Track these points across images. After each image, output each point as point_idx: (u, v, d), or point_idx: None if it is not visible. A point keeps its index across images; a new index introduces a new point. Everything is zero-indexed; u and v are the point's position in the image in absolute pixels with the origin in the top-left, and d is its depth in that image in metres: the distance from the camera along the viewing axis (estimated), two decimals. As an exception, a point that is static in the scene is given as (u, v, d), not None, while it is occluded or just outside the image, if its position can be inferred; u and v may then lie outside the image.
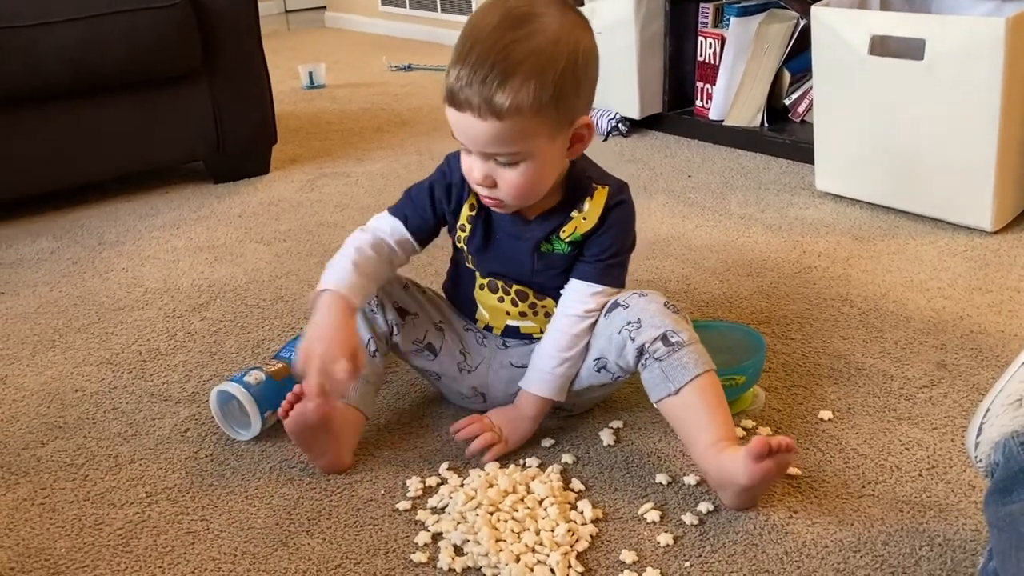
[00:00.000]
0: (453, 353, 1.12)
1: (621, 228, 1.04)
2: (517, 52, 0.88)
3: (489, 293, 1.09)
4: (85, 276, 1.64)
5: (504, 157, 0.93)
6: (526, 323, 1.10)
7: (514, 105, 0.88)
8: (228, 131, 2.05)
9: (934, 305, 1.38)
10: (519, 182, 0.94)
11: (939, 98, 1.58)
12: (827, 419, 1.10)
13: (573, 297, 1.04)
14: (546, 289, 1.07)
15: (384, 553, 0.92)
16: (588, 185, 1.02)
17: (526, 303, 1.08)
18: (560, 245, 1.03)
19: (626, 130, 2.36)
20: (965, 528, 0.91)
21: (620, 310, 1.01)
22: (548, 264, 1.05)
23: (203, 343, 1.37)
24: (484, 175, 0.94)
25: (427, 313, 1.12)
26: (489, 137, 0.91)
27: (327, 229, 1.82)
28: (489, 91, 0.88)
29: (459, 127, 0.93)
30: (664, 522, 0.94)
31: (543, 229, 1.03)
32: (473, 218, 1.05)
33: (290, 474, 1.04)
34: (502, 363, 1.11)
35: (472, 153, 0.95)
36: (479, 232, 1.05)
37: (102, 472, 1.07)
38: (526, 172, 0.94)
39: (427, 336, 1.11)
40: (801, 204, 1.82)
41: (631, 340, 0.98)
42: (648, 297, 1.01)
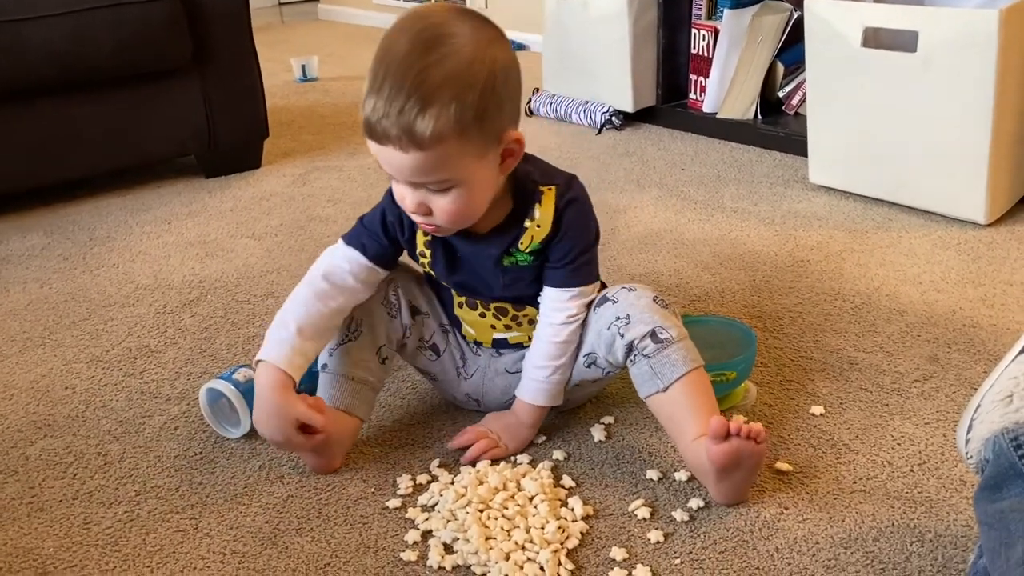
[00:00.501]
0: (453, 357, 1.11)
1: (579, 227, 1.00)
2: (432, 78, 0.84)
3: (469, 310, 1.08)
4: (75, 272, 1.63)
5: (434, 185, 0.90)
6: (513, 334, 1.09)
7: (435, 133, 0.84)
8: (219, 125, 2.04)
9: (927, 299, 1.37)
10: (452, 208, 0.91)
11: (932, 90, 1.58)
12: (819, 414, 1.10)
13: (551, 306, 1.02)
14: (523, 300, 1.05)
15: (374, 551, 0.91)
16: (535, 189, 0.99)
17: (507, 317, 1.07)
18: (522, 257, 1.01)
19: (619, 123, 2.35)
20: (956, 524, 0.91)
21: (609, 305, 1.00)
22: (515, 278, 1.02)
23: (193, 340, 1.36)
24: (416, 203, 0.91)
25: (436, 314, 1.11)
26: (414, 168, 0.87)
27: (319, 224, 1.81)
28: (408, 121, 0.83)
29: (382, 159, 0.89)
30: (655, 519, 0.94)
31: (500, 244, 1.00)
32: (430, 243, 1.03)
33: (280, 472, 1.04)
34: (497, 370, 1.10)
35: (401, 182, 0.92)
36: (440, 256, 1.03)
37: (91, 470, 1.06)
38: (459, 197, 0.91)
39: (433, 337, 1.11)
40: (794, 197, 1.82)
41: (620, 336, 0.98)
42: (637, 292, 1.01)
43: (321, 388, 1.05)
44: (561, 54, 2.46)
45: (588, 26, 2.34)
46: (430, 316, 1.11)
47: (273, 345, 0.99)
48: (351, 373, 1.04)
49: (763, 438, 0.90)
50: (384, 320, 1.07)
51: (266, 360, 0.99)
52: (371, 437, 1.10)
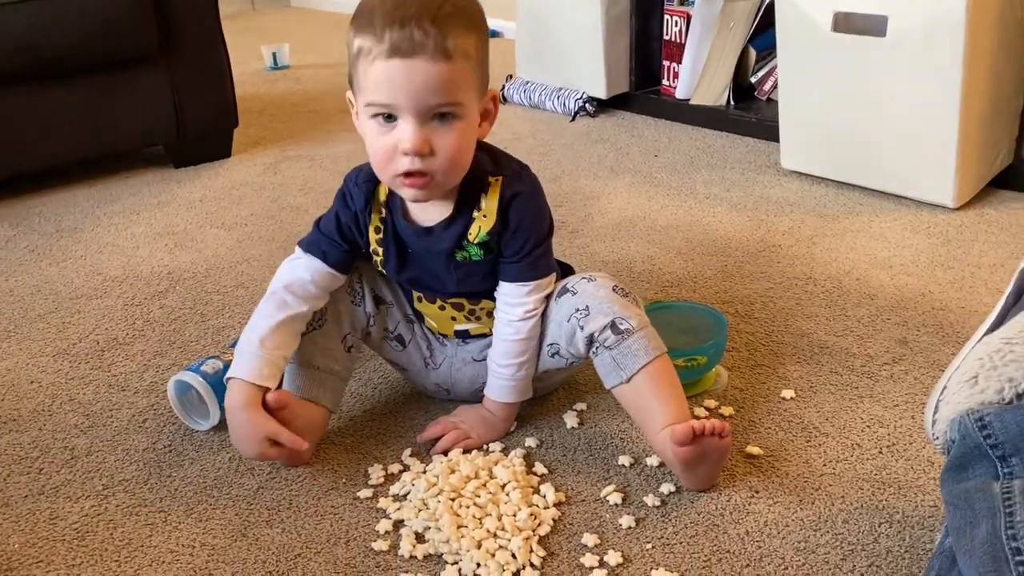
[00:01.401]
0: (420, 348, 1.11)
1: (529, 221, 0.99)
2: (449, 5, 0.89)
3: (428, 304, 1.07)
4: (42, 264, 1.60)
5: (444, 109, 0.89)
6: (473, 326, 1.08)
7: (463, 48, 0.88)
8: (188, 114, 2.01)
9: (897, 282, 1.38)
10: (454, 145, 0.91)
11: (902, 75, 1.58)
12: (789, 398, 1.10)
13: (509, 301, 1.01)
14: (477, 295, 1.04)
15: (345, 542, 0.91)
16: (484, 179, 0.98)
17: (464, 311, 1.06)
18: (473, 251, 1.00)
19: (593, 110, 2.34)
20: (924, 505, 0.91)
21: (568, 296, 1.00)
22: (468, 273, 1.01)
23: (162, 331, 1.34)
24: (422, 140, 0.89)
25: (400, 304, 1.10)
26: (438, 82, 0.87)
27: (290, 213, 1.79)
28: (440, 33, 0.86)
29: (400, 80, 0.87)
30: (626, 504, 0.94)
31: (449, 238, 0.99)
32: (382, 240, 1.02)
33: (250, 464, 1.03)
34: (464, 360, 1.09)
35: (398, 125, 0.90)
36: (392, 253, 1.02)
37: (57, 465, 1.05)
38: (460, 134, 0.91)
39: (398, 328, 1.10)
40: (766, 182, 1.82)
41: (580, 328, 0.98)
42: (596, 283, 1.00)
43: (287, 378, 1.04)
44: (534, 41, 2.44)
45: (561, 13, 2.33)
46: (394, 306, 1.10)
47: (239, 361, 0.99)
48: (316, 362, 1.04)
49: (727, 432, 0.90)
50: (348, 308, 1.06)
51: (235, 376, 0.98)
52: (342, 428, 1.09)
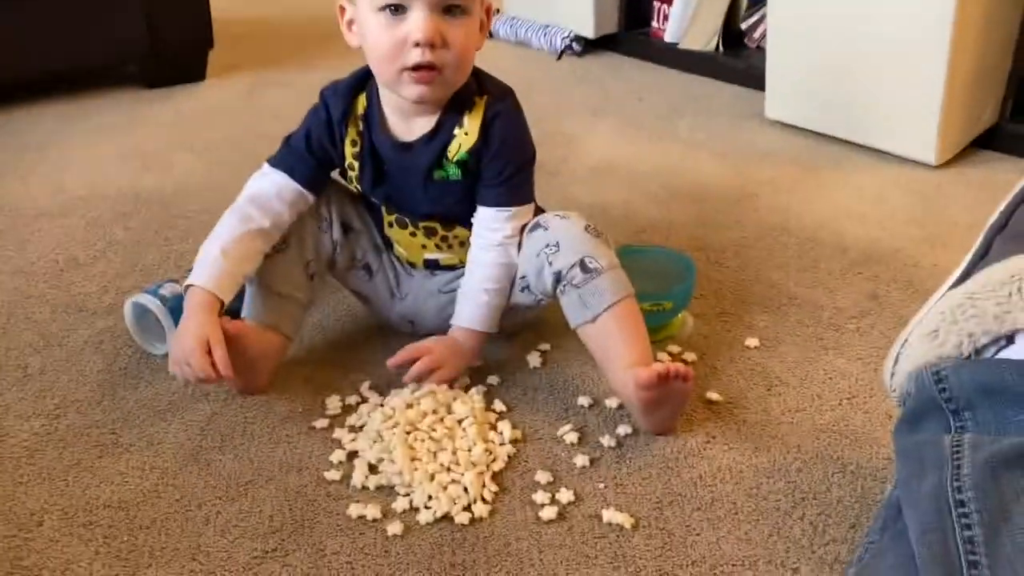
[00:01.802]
0: (387, 278, 1.09)
1: (512, 142, 0.98)
2: None
3: (399, 229, 1.05)
4: (5, 180, 1.56)
5: (455, 4, 0.90)
6: (444, 255, 1.06)
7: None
8: (161, 33, 1.95)
9: (871, 236, 1.37)
10: (463, 39, 0.91)
11: (891, 26, 1.55)
12: (753, 347, 1.10)
13: (487, 226, 1.00)
14: (451, 219, 1.03)
15: (297, 470, 0.90)
16: (469, 98, 0.97)
17: (437, 237, 1.04)
18: (452, 170, 0.98)
19: (580, 49, 2.29)
20: (878, 457, 0.92)
21: (540, 231, 0.98)
22: (443, 192, 1.00)
23: (124, 253, 1.32)
24: (434, 29, 0.89)
25: (369, 231, 1.09)
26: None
27: (263, 140, 1.73)
28: None
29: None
30: (582, 444, 0.93)
31: (428, 154, 0.98)
32: (358, 154, 1.00)
33: (206, 390, 1.02)
34: (430, 291, 1.08)
35: (408, 17, 0.89)
36: (368, 168, 1.00)
37: (9, 383, 1.03)
38: (468, 29, 0.92)
39: (366, 256, 1.08)
40: (750, 131, 1.80)
41: (548, 264, 0.96)
42: (570, 220, 0.98)
43: (246, 303, 1.02)
44: (523, -25, 2.38)
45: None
46: (363, 233, 1.08)
47: (198, 270, 0.97)
48: (277, 288, 1.02)
49: (690, 377, 0.89)
50: (314, 233, 1.04)
51: (193, 283, 0.96)
52: (301, 357, 1.08)
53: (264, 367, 1.00)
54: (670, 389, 0.89)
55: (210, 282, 0.95)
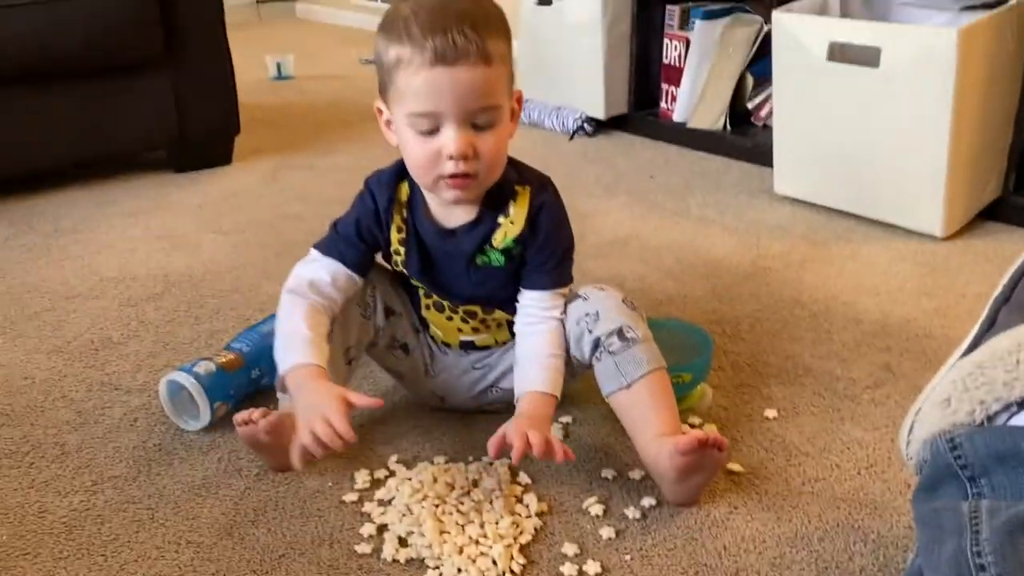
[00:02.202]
0: (423, 356, 1.12)
1: (555, 231, 1.03)
2: (487, 9, 0.93)
3: (436, 312, 1.08)
4: (39, 263, 1.62)
5: (485, 115, 0.93)
6: (480, 337, 1.10)
7: (498, 51, 0.91)
8: (190, 120, 2.04)
9: (883, 308, 1.40)
10: (495, 146, 0.95)
11: (894, 106, 1.61)
12: (772, 417, 1.12)
13: (536, 306, 1.03)
14: (492, 302, 1.06)
15: (329, 544, 0.92)
16: (510, 188, 1.01)
17: (476, 320, 1.08)
18: (495, 256, 1.02)
19: (591, 130, 2.37)
20: (899, 525, 0.93)
21: (580, 301, 1.03)
22: (485, 277, 1.03)
23: (156, 333, 1.36)
24: (467, 143, 0.92)
25: (409, 313, 1.11)
26: (481, 86, 0.91)
27: (288, 221, 1.81)
28: (480, 37, 0.90)
29: (445, 87, 0.90)
30: (607, 516, 0.95)
31: (472, 240, 1.01)
32: (404, 240, 1.04)
33: (238, 465, 1.04)
34: (464, 368, 1.11)
35: (440, 132, 0.93)
36: (415, 254, 1.04)
37: (48, 460, 1.06)
38: (499, 135, 0.95)
39: (405, 337, 1.11)
40: (759, 207, 1.85)
41: (588, 332, 1.00)
42: (607, 292, 1.03)
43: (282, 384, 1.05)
44: (535, 60, 2.48)
45: (563, 33, 2.37)
46: (404, 317, 1.11)
47: (293, 350, 0.97)
48: None
49: (725, 447, 0.92)
50: (357, 321, 1.06)
51: (298, 363, 0.96)
52: (331, 432, 1.10)
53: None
54: (706, 456, 0.91)
55: (313, 357, 0.97)
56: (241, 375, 1.13)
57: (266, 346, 1.15)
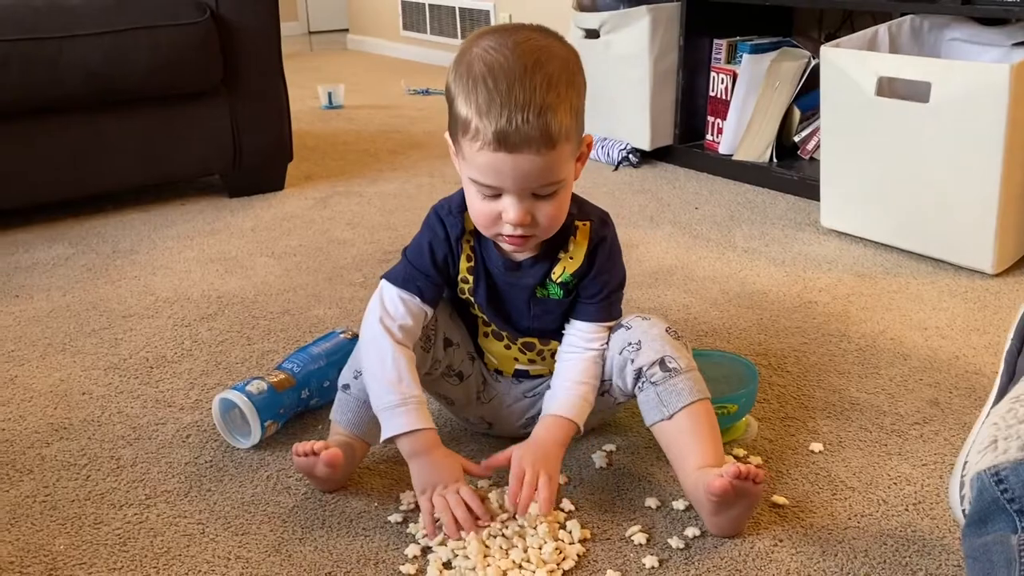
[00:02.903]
0: (476, 382, 1.12)
1: (611, 265, 1.04)
2: (553, 82, 0.89)
3: (495, 340, 1.10)
4: (98, 283, 1.67)
5: (546, 189, 0.92)
6: (535, 367, 1.11)
7: (565, 128, 0.89)
8: (245, 147, 2.09)
9: (931, 344, 1.39)
10: (554, 211, 0.94)
11: (943, 141, 1.60)
12: (818, 451, 1.11)
13: (583, 337, 1.04)
14: (549, 334, 1.07)
15: (374, 564, 0.93)
16: (570, 223, 1.02)
17: (533, 352, 1.09)
18: (554, 290, 1.03)
19: (636, 161, 2.39)
20: (948, 564, 0.92)
21: (622, 331, 1.03)
22: (544, 310, 1.05)
23: (209, 352, 1.39)
24: (525, 213, 0.92)
25: (466, 342, 1.11)
26: (542, 171, 0.90)
27: (337, 246, 1.85)
28: (546, 123, 0.87)
29: (506, 170, 0.90)
30: (650, 545, 0.95)
31: (535, 274, 1.03)
32: (472, 269, 1.04)
33: (287, 483, 1.06)
34: (516, 396, 1.12)
35: (501, 197, 0.93)
36: (482, 282, 1.04)
37: (104, 473, 1.09)
38: (560, 199, 0.94)
39: (462, 365, 1.11)
40: (805, 240, 1.84)
41: (631, 362, 1.01)
42: (651, 321, 1.04)
43: (337, 407, 1.06)
44: (582, 92, 2.50)
45: (610, 66, 2.39)
46: (461, 347, 1.11)
47: (392, 419, 0.98)
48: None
49: (761, 479, 0.91)
50: (417, 353, 1.05)
51: (413, 429, 0.98)
52: (377, 453, 1.12)
53: (346, 472, 1.05)
54: (742, 489, 0.91)
55: (428, 421, 0.99)
56: (291, 395, 1.15)
57: (316, 367, 1.18)
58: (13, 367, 1.36)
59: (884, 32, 1.85)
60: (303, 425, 1.19)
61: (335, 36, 5.35)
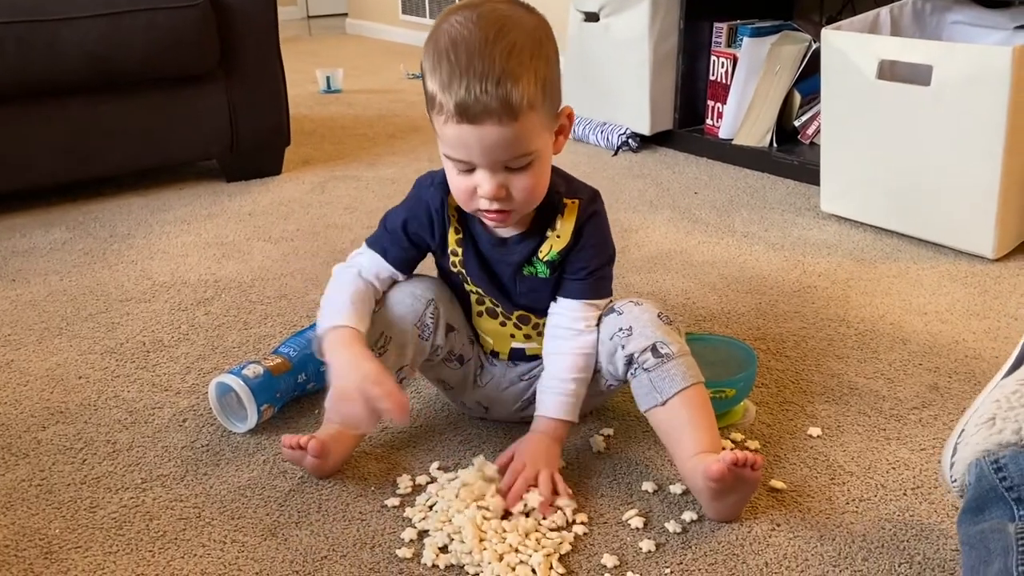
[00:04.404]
0: (474, 366, 1.12)
1: (598, 241, 1.03)
2: (516, 53, 0.88)
3: (489, 319, 1.09)
4: (95, 267, 1.67)
5: (517, 162, 0.91)
6: (531, 344, 1.10)
7: (528, 102, 0.88)
8: (242, 131, 2.08)
9: (931, 329, 1.38)
10: (530, 183, 0.93)
11: (945, 124, 1.59)
12: (816, 436, 1.11)
13: (569, 316, 1.03)
14: (541, 311, 1.06)
15: (370, 547, 0.93)
16: (559, 201, 1.01)
17: (529, 325, 1.08)
18: (540, 268, 1.03)
19: (636, 146, 2.38)
20: (945, 548, 0.91)
21: (614, 316, 1.02)
22: (530, 288, 1.04)
23: (206, 336, 1.39)
24: (497, 187, 0.92)
25: (465, 327, 1.11)
26: (508, 142, 0.89)
27: (334, 230, 1.84)
28: (505, 92, 0.86)
29: (472, 142, 0.89)
30: (647, 529, 0.95)
31: (521, 251, 1.02)
32: (462, 241, 1.04)
33: (283, 467, 1.06)
34: (511, 380, 1.11)
35: (475, 171, 0.92)
36: (471, 255, 1.04)
37: (100, 457, 1.09)
38: (535, 172, 0.93)
39: (462, 348, 1.11)
40: (805, 225, 1.83)
41: (621, 348, 1.00)
42: (643, 306, 1.02)
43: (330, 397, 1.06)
44: (581, 76, 2.49)
45: (609, 50, 2.38)
46: (461, 331, 1.10)
47: (333, 313, 1.00)
48: None
49: (759, 466, 0.91)
50: (414, 341, 1.05)
51: (337, 324, 0.98)
52: (374, 438, 1.12)
53: (338, 458, 1.04)
54: (740, 476, 0.90)
55: (352, 320, 0.99)
56: (287, 379, 1.15)
57: (312, 352, 1.18)
58: (10, 351, 1.36)
59: (886, 15, 1.83)
60: (300, 409, 1.18)
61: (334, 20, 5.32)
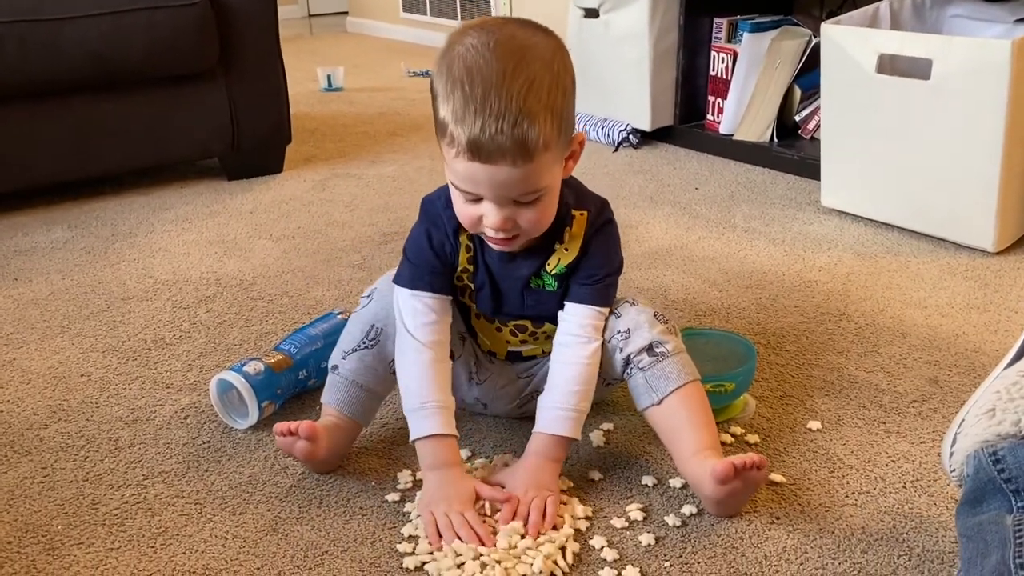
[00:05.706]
0: (468, 363, 1.11)
1: (607, 250, 1.02)
2: (533, 88, 0.85)
3: (486, 323, 1.09)
4: (97, 266, 1.67)
5: (527, 197, 0.89)
6: (528, 347, 1.10)
7: (544, 143, 0.86)
8: (243, 129, 2.09)
9: (931, 322, 1.38)
10: (537, 216, 0.92)
11: (945, 118, 1.59)
12: (816, 429, 1.11)
13: (577, 322, 1.02)
14: (542, 318, 1.06)
15: (371, 542, 0.93)
16: (567, 213, 1.00)
17: (525, 333, 1.08)
18: (548, 280, 1.02)
19: (636, 141, 2.38)
20: (944, 540, 0.92)
21: (612, 319, 1.02)
22: (538, 300, 1.03)
23: (207, 334, 1.39)
24: (504, 219, 0.90)
25: (456, 322, 1.10)
26: (520, 181, 0.87)
27: (336, 228, 1.85)
28: (521, 134, 0.84)
29: (482, 180, 0.87)
30: (647, 522, 0.95)
31: (529, 265, 1.01)
32: (472, 259, 1.03)
33: (284, 463, 1.07)
34: (509, 377, 1.11)
35: (482, 201, 0.90)
36: (482, 270, 1.03)
37: (102, 454, 1.09)
38: (544, 205, 0.92)
39: (452, 344, 1.09)
40: (805, 219, 1.83)
41: (619, 350, 1.00)
42: (638, 307, 1.03)
43: (328, 388, 1.06)
44: (582, 72, 2.46)
45: (609, 46, 2.38)
46: (452, 326, 1.09)
47: (419, 422, 0.97)
48: (360, 380, 1.04)
49: (764, 465, 0.91)
50: None
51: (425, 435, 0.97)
52: (374, 433, 1.12)
53: (337, 453, 1.05)
54: (746, 478, 0.90)
55: (448, 426, 0.97)
56: (289, 375, 1.15)
57: (313, 348, 1.18)
58: (12, 349, 1.36)
59: (885, 9, 1.83)
60: (301, 406, 1.19)
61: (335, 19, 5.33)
